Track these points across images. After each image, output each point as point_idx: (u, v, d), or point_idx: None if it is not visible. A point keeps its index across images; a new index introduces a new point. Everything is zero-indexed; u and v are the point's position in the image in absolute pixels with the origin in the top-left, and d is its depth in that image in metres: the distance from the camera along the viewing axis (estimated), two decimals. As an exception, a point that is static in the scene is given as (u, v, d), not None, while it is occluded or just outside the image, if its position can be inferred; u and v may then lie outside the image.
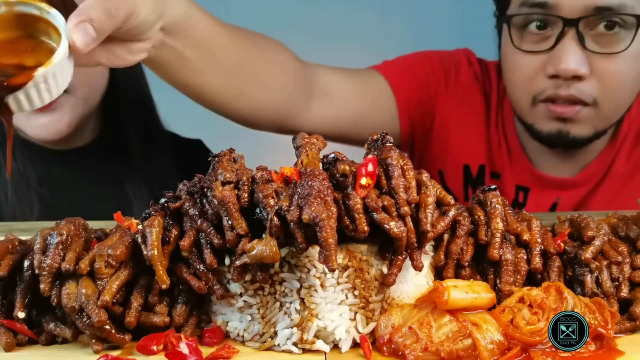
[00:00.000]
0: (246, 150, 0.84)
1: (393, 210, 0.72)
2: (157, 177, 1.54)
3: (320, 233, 0.68)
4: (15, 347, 0.75)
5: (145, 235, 0.75)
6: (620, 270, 0.81)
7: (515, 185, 1.62)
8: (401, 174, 0.74)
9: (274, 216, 0.70)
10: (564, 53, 1.35)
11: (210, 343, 0.76)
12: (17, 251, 0.80)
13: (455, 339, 0.71)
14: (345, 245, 0.74)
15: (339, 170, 0.74)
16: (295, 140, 0.85)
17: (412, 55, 1.72)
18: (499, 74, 1.64)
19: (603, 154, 1.57)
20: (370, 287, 0.75)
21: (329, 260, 0.67)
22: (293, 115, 1.40)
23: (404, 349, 0.71)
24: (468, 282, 0.76)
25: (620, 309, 0.79)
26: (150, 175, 1.54)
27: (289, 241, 0.72)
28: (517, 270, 0.81)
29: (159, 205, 0.79)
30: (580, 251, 0.81)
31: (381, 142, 0.79)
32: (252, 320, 0.76)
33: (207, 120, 1.52)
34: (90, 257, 0.75)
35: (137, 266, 0.76)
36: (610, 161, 1.57)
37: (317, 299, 0.73)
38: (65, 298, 0.73)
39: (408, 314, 0.74)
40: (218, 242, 0.73)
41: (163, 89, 1.34)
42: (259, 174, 0.76)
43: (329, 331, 0.73)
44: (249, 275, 0.74)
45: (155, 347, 0.73)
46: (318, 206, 0.69)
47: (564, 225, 0.89)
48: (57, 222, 0.82)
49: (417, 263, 0.74)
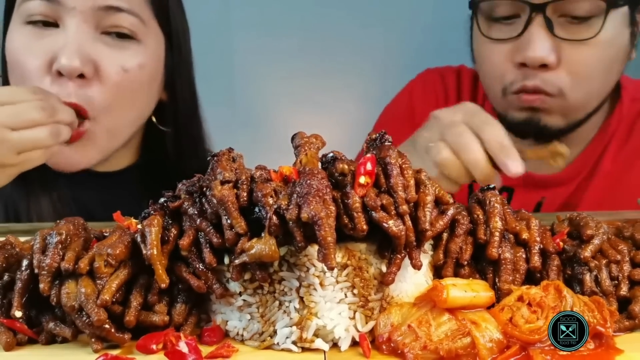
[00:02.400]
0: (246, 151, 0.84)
1: (392, 209, 0.72)
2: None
3: (319, 231, 0.68)
4: (15, 347, 0.75)
5: (144, 234, 0.75)
6: (620, 268, 0.81)
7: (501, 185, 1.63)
8: (400, 172, 0.74)
9: (273, 215, 0.70)
10: (531, 40, 1.33)
11: (209, 342, 0.76)
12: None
13: (454, 338, 0.71)
14: (344, 244, 0.74)
15: (337, 169, 0.74)
16: (294, 140, 0.85)
17: (383, 112, 1.75)
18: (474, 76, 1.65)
19: (589, 149, 1.55)
20: (369, 286, 0.75)
21: (328, 258, 0.67)
22: None
23: (403, 348, 0.71)
24: (467, 281, 0.77)
25: (620, 308, 0.79)
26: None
27: (288, 240, 0.72)
28: (516, 269, 0.81)
29: (158, 205, 0.79)
30: (580, 250, 0.81)
31: (380, 141, 0.79)
32: (251, 319, 0.76)
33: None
34: (90, 256, 0.75)
35: (136, 265, 0.76)
36: (596, 158, 1.55)
37: (316, 297, 0.73)
38: (64, 297, 0.73)
39: (407, 313, 0.74)
40: (217, 241, 0.73)
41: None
42: (257, 173, 0.76)
43: (328, 330, 0.73)
44: (248, 274, 0.74)
45: (155, 346, 0.72)
46: (317, 205, 0.69)
47: (564, 224, 0.89)
48: (57, 222, 0.82)
49: (416, 262, 0.74)
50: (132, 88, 1.33)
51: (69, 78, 1.25)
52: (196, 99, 1.51)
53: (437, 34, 2.18)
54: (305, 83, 2.32)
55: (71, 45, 1.25)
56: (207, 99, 1.59)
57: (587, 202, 1.54)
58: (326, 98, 2.33)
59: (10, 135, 1.12)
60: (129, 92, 1.33)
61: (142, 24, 1.32)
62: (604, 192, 1.54)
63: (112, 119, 1.33)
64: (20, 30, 1.30)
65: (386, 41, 2.30)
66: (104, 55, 1.28)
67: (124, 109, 1.34)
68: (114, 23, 1.28)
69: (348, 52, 2.30)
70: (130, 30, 1.30)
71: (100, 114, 1.29)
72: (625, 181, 1.53)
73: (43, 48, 1.26)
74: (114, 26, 1.29)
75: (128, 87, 1.32)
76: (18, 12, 1.30)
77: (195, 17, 1.51)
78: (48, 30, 1.28)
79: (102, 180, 1.45)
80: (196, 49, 1.54)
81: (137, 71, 1.32)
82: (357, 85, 2.25)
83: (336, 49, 2.31)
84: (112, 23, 1.28)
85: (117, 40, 1.30)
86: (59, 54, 1.25)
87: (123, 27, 1.29)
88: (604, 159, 1.54)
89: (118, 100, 1.31)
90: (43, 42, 1.27)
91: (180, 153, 1.47)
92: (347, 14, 2.29)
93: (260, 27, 2.30)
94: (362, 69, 2.30)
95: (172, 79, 1.43)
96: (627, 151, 1.55)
